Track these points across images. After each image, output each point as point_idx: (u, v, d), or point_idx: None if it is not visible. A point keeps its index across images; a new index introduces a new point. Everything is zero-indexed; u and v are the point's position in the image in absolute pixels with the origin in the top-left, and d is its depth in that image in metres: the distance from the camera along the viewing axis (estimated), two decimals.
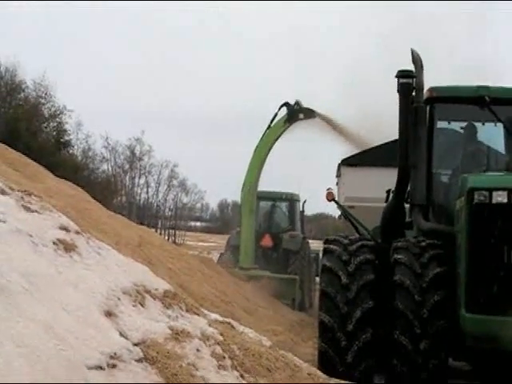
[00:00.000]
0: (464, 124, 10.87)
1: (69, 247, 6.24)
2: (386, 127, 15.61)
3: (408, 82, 9.97)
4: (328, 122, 23.28)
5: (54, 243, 6.14)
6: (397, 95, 10.08)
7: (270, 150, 22.73)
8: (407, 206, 10.50)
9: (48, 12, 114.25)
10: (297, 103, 22.77)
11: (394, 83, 10.14)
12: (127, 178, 63.96)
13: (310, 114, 22.88)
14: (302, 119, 22.80)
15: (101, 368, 4.83)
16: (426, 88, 10.14)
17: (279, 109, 22.74)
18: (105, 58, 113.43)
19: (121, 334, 5.36)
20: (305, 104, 23.04)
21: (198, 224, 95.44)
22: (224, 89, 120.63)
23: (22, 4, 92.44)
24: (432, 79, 10.29)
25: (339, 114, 23.31)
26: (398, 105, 10.09)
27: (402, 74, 10.04)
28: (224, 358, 5.88)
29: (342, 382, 7.30)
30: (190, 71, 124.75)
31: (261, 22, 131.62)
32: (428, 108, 10.31)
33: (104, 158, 58.56)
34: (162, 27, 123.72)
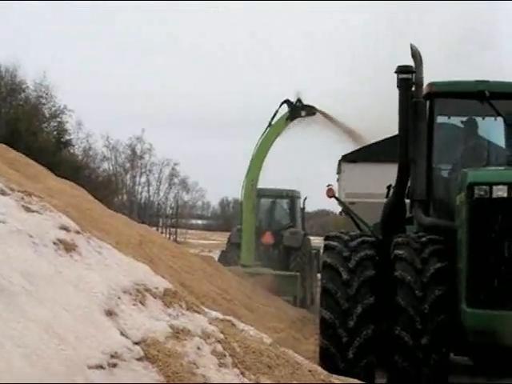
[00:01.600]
0: (464, 119, 10.86)
1: (69, 247, 6.24)
2: (385, 122, 15.63)
3: (407, 77, 9.97)
4: (328, 118, 23.33)
5: (54, 243, 6.14)
6: (396, 90, 10.08)
7: (270, 147, 22.72)
8: (408, 201, 10.50)
9: (47, 12, 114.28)
10: (298, 100, 22.75)
11: (393, 77, 10.15)
12: (128, 176, 64.13)
13: (311, 111, 22.87)
14: (303, 116, 22.80)
15: (101, 367, 4.84)
16: (425, 83, 10.13)
17: (280, 106, 22.72)
18: (104, 57, 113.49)
19: (121, 333, 5.36)
20: (304, 100, 23.04)
21: (200, 222, 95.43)
22: (224, 86, 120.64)
23: (21, 3, 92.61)
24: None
25: (339, 111, 23.41)
26: (397, 100, 10.09)
27: (401, 70, 10.04)
28: (225, 355, 5.88)
29: (344, 378, 7.30)
30: (189, 69, 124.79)
31: (259, 20, 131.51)
32: (428, 103, 10.30)
33: (105, 157, 58.79)
34: (161, 25, 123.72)
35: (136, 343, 5.37)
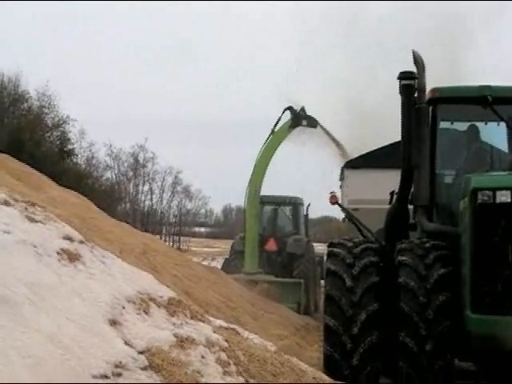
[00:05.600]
0: (467, 124, 10.86)
1: (73, 257, 6.25)
2: (385, 129, 15.67)
3: (410, 83, 9.96)
4: (327, 134, 23.39)
5: (58, 253, 6.15)
6: (398, 96, 10.09)
7: (273, 154, 22.72)
8: (411, 207, 10.48)
9: (50, 20, 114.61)
10: (302, 109, 22.75)
11: (394, 84, 10.16)
12: (131, 185, 64.23)
13: (312, 122, 22.89)
14: (304, 126, 22.80)
15: (106, 377, 4.84)
16: (428, 89, 10.13)
17: (282, 113, 22.71)
18: (107, 66, 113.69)
19: (125, 343, 5.37)
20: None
21: (203, 230, 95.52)
22: (226, 94, 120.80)
23: (24, 12, 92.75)
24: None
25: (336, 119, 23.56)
26: (399, 106, 10.09)
27: (403, 76, 10.03)
28: (229, 364, 5.88)
29: None
30: (193, 77, 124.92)
31: (260, 26, 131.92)
32: (430, 109, 10.29)
33: (108, 165, 58.95)
34: (163, 33, 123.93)
35: (140, 352, 5.37)
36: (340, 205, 12.54)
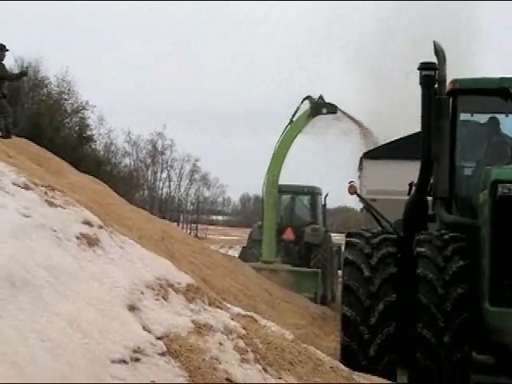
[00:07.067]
0: (487, 116, 10.80)
1: (92, 241, 6.26)
2: (406, 119, 15.60)
3: (430, 74, 9.91)
4: (348, 116, 23.31)
5: (77, 238, 6.16)
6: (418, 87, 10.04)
7: (292, 143, 22.67)
8: (430, 198, 10.45)
9: (69, 7, 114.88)
10: (320, 97, 22.68)
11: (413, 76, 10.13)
12: (149, 172, 64.42)
13: (332, 109, 22.81)
14: (324, 114, 22.74)
15: (124, 362, 4.85)
16: (448, 80, 10.07)
17: (301, 102, 22.65)
18: (126, 54, 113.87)
19: (144, 328, 5.38)
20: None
21: (220, 218, 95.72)
22: (245, 83, 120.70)
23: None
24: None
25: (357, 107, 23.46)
26: (419, 97, 10.04)
27: (424, 66, 9.98)
28: (247, 351, 5.88)
29: (365, 375, 7.29)
30: (212, 65, 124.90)
31: (276, 15, 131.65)
32: (451, 100, 10.24)
33: (126, 152, 59.18)
34: (180, 22, 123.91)
35: (159, 338, 5.38)
36: (359, 195, 12.52)
